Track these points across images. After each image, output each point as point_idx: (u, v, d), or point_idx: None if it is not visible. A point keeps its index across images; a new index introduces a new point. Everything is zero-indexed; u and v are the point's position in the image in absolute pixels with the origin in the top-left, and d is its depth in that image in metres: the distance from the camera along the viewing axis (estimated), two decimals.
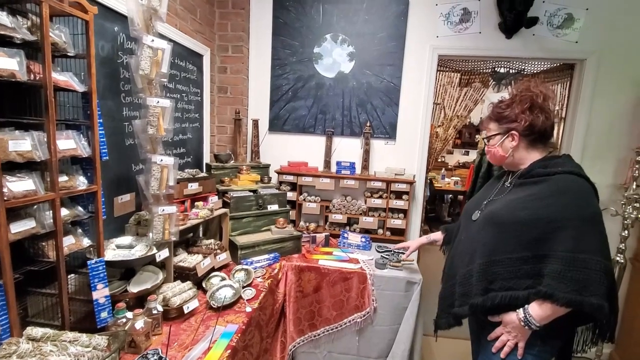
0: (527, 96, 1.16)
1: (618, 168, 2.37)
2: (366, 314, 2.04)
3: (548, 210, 1.05)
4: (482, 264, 1.13)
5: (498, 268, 1.10)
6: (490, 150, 1.27)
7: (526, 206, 1.09)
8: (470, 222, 1.28)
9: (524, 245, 1.07)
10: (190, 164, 2.25)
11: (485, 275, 1.12)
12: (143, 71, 1.38)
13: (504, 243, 1.10)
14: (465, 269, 1.21)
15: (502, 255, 1.10)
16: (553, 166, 1.13)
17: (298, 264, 2.08)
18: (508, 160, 1.24)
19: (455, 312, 1.23)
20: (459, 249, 1.31)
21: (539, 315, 1.05)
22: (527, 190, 1.13)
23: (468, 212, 1.34)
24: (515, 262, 1.08)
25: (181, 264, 1.67)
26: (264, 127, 2.65)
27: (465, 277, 1.21)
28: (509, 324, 1.13)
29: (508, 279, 1.09)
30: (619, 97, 2.34)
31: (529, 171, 1.17)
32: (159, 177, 1.44)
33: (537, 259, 1.05)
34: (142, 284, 1.44)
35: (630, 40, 2.29)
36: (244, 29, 2.51)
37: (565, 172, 1.09)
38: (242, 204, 2.13)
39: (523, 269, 1.07)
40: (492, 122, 1.25)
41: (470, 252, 1.21)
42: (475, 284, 1.14)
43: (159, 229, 1.46)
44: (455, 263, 1.31)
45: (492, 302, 1.11)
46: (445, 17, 2.43)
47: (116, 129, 1.58)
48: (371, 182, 2.50)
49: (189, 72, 2.17)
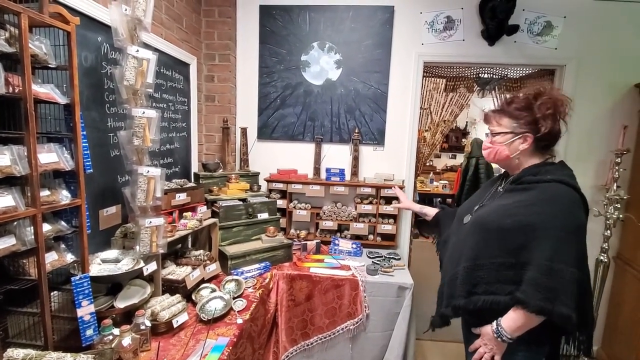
0: (551, 101, 1.11)
1: (599, 170, 2.45)
2: (359, 321, 2.03)
3: (532, 218, 1.05)
4: (466, 267, 1.14)
5: (482, 272, 1.11)
6: (494, 147, 1.20)
7: (512, 213, 1.09)
8: (461, 225, 1.29)
9: (508, 252, 1.08)
10: (178, 173, 2.22)
11: (469, 279, 1.13)
12: (128, 82, 1.36)
13: (488, 248, 1.11)
14: (452, 271, 1.22)
15: (486, 260, 1.11)
16: (544, 173, 1.13)
17: (289, 272, 2.07)
18: (509, 162, 1.20)
19: (442, 312, 1.24)
20: (450, 251, 1.32)
21: (510, 326, 1.06)
22: (515, 197, 1.13)
23: (460, 215, 1.34)
24: (499, 267, 1.08)
25: (170, 276, 1.63)
26: (252, 135, 2.64)
27: (451, 279, 1.21)
28: (485, 336, 1.14)
29: (491, 284, 1.10)
30: (598, 101, 2.42)
31: (520, 177, 1.17)
32: (145, 188, 1.42)
33: (520, 265, 1.06)
34: (129, 299, 1.40)
35: (607, 47, 2.37)
36: (231, 37, 2.51)
37: (554, 181, 1.09)
38: (232, 213, 2.11)
39: (506, 275, 1.08)
40: (505, 118, 1.17)
41: (458, 255, 1.22)
42: (459, 286, 1.15)
43: (146, 242, 1.43)
44: (445, 265, 1.32)
45: (475, 305, 1.12)
46: (429, 25, 2.47)
47: (101, 140, 1.55)
48: (361, 188, 2.51)
49: (176, 81, 2.15)
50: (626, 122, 2.33)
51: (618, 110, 2.42)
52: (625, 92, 2.40)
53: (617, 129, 2.39)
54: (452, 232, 1.37)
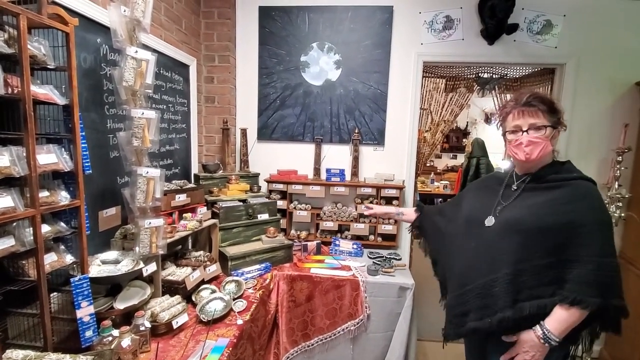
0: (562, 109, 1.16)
1: (600, 168, 2.44)
2: (360, 322, 2.02)
3: (574, 214, 1.04)
4: (508, 274, 1.07)
5: (525, 277, 1.06)
6: (542, 141, 1.11)
7: (552, 211, 1.07)
8: (481, 228, 1.20)
9: (549, 252, 1.05)
10: (178, 175, 2.22)
11: (513, 286, 1.07)
12: (127, 82, 1.36)
13: (530, 250, 1.07)
14: (483, 279, 1.13)
15: (528, 264, 1.06)
16: (566, 172, 1.13)
17: (290, 273, 2.06)
18: (546, 160, 1.17)
19: (476, 326, 1.13)
20: (471, 256, 1.21)
21: (558, 328, 1.03)
22: (544, 196, 1.11)
23: (475, 216, 1.26)
24: (542, 270, 1.05)
25: (170, 277, 1.63)
26: (252, 136, 2.64)
27: (484, 287, 1.12)
28: (526, 343, 1.08)
29: (534, 288, 1.06)
30: (598, 100, 2.42)
31: (543, 176, 1.15)
32: (144, 189, 1.42)
33: (561, 264, 1.04)
34: (129, 300, 1.40)
35: (607, 45, 2.37)
36: (230, 38, 2.51)
37: (580, 178, 1.11)
38: (232, 214, 2.11)
39: (549, 275, 1.05)
40: (546, 112, 1.12)
41: (488, 261, 1.13)
42: (502, 295, 1.07)
43: (145, 243, 1.43)
44: (467, 272, 1.20)
45: (521, 313, 1.06)
46: (428, 24, 2.47)
47: (100, 142, 1.55)
48: (361, 189, 2.50)
49: (175, 82, 2.15)
50: (627, 120, 2.32)
51: (619, 109, 2.41)
52: (626, 90, 2.39)
53: (618, 127, 2.38)
54: (468, 236, 1.26)
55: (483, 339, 1.23)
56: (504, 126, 1.22)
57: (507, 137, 1.21)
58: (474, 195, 1.39)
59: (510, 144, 1.18)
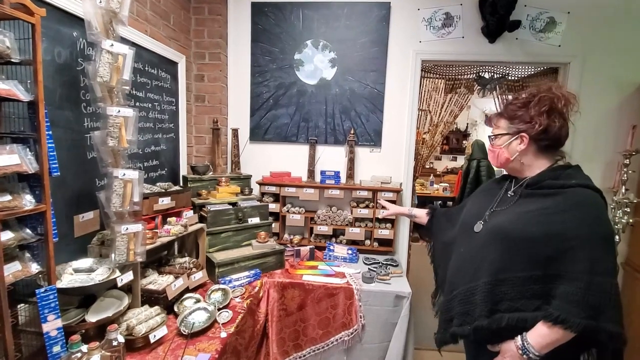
0: (548, 98, 1.05)
1: (606, 171, 2.34)
2: (354, 332, 1.93)
3: (563, 226, 0.96)
4: (487, 282, 1.03)
5: (505, 288, 1.00)
6: (494, 150, 1.16)
7: (539, 220, 0.99)
8: (471, 234, 1.17)
9: (535, 264, 0.98)
10: (164, 176, 2.12)
11: (491, 296, 1.02)
12: (102, 78, 1.27)
13: (512, 260, 1.01)
14: (465, 285, 1.10)
15: (510, 274, 1.00)
16: (565, 177, 1.04)
17: (281, 280, 1.97)
18: (512, 165, 1.14)
19: (454, 331, 1.12)
20: (458, 262, 1.20)
21: (539, 342, 0.96)
22: (538, 203, 1.04)
23: (467, 221, 1.23)
24: (525, 282, 0.98)
25: (150, 286, 1.53)
26: (244, 136, 2.55)
27: (466, 294, 1.10)
28: (507, 353, 1.03)
29: (516, 300, 0.99)
30: (604, 100, 2.32)
31: (539, 181, 1.07)
32: (121, 192, 1.32)
33: (548, 278, 0.96)
34: (103, 312, 1.30)
35: (613, 43, 2.28)
36: (222, 35, 2.42)
37: (580, 185, 1.01)
38: (220, 218, 2.01)
39: (532, 289, 0.98)
40: (502, 119, 1.14)
41: (472, 268, 1.10)
42: (480, 304, 1.04)
43: (122, 250, 1.33)
44: (453, 278, 1.19)
45: (498, 324, 1.01)
46: (427, 22, 2.38)
47: (76, 142, 1.46)
48: (357, 192, 2.41)
49: (162, 80, 2.06)
50: (634, 121, 2.22)
51: (625, 110, 2.31)
52: (633, 90, 2.30)
53: (624, 129, 2.29)
54: (458, 240, 1.25)
55: (477, 346, 1.18)
56: None
57: None
58: (475, 200, 1.35)
59: None
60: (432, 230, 1.53)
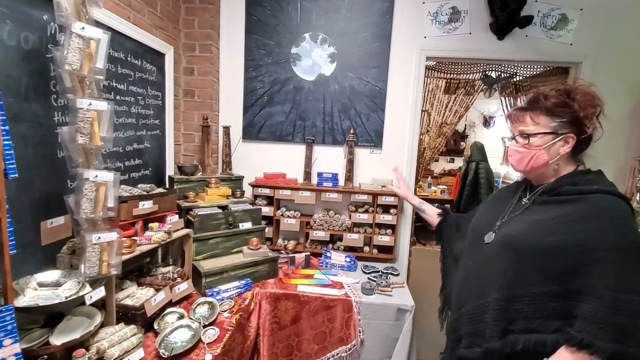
0: (591, 98, 0.97)
1: (617, 177, 2.23)
2: (352, 348, 1.79)
3: (582, 236, 0.84)
4: (499, 299, 0.92)
5: (519, 305, 0.89)
6: (529, 151, 0.98)
7: (555, 230, 0.88)
8: (480, 245, 1.05)
9: (551, 278, 0.86)
10: (148, 177, 1.96)
11: (503, 314, 0.91)
12: (71, 66, 1.11)
13: (525, 274, 0.89)
14: (474, 302, 0.99)
15: (523, 289, 0.89)
16: (585, 183, 0.92)
17: (274, 291, 1.82)
18: (546, 170, 0.99)
19: (462, 354, 1.00)
20: (466, 275, 1.09)
21: None
22: (554, 211, 0.92)
23: (477, 231, 1.11)
24: (541, 298, 0.87)
25: (127, 301, 1.37)
26: (236, 135, 2.39)
27: (475, 312, 0.99)
28: None
29: (532, 319, 0.87)
30: (617, 102, 2.21)
31: (556, 187, 0.96)
32: (92, 197, 1.16)
33: (568, 295, 0.84)
34: (70, 332, 1.14)
35: (627, 42, 2.17)
36: (214, 26, 2.26)
37: (601, 192, 0.88)
38: (209, 223, 1.86)
39: (551, 307, 0.86)
40: (543, 115, 0.97)
41: (481, 283, 0.99)
42: (491, 323, 0.93)
43: (93, 262, 1.17)
44: (462, 293, 1.08)
45: (513, 347, 0.89)
46: (433, 16, 2.25)
47: (44, 138, 1.29)
48: (356, 195, 2.27)
49: (147, 72, 1.89)
50: None
51: (639, 113, 2.20)
52: None
53: (637, 133, 2.18)
54: (467, 252, 1.13)
55: None
56: None
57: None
58: (485, 208, 1.22)
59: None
60: (442, 237, 1.41)
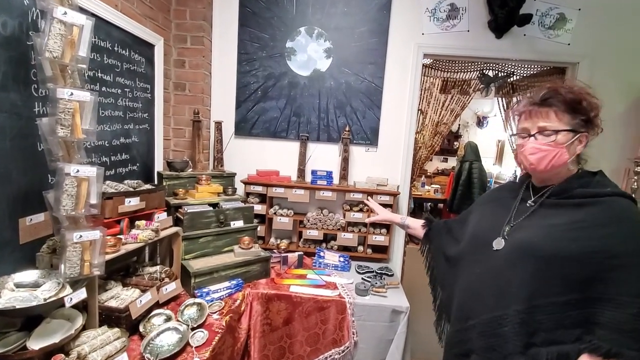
0: (598, 102, 0.95)
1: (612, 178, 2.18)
2: (345, 350, 1.75)
3: (606, 242, 0.81)
4: (521, 311, 0.87)
5: (541, 316, 0.86)
6: (554, 149, 0.90)
7: (575, 236, 0.85)
8: (488, 252, 1.00)
9: (571, 286, 0.83)
10: (136, 173, 1.88)
11: (526, 327, 0.87)
12: (51, 53, 1.04)
13: (547, 283, 0.86)
14: (488, 314, 0.94)
15: (545, 299, 0.85)
16: (595, 185, 0.90)
17: (266, 291, 1.77)
18: (561, 170, 0.93)
19: None
20: (475, 285, 1.02)
21: None
22: (570, 215, 0.88)
23: (481, 236, 1.05)
24: (562, 308, 0.84)
25: (111, 302, 1.31)
26: (228, 130, 2.32)
27: (490, 325, 0.93)
28: None
29: (552, 330, 0.84)
30: (613, 104, 2.21)
31: (567, 189, 0.92)
32: (74, 193, 1.10)
33: (588, 302, 0.82)
34: (49, 336, 1.07)
35: (624, 43, 2.16)
36: (206, 17, 2.19)
37: (615, 194, 0.86)
38: (199, 221, 1.80)
39: (571, 316, 0.83)
40: (565, 112, 0.91)
41: (495, 293, 0.94)
42: (512, 337, 0.88)
43: (74, 262, 1.11)
44: (471, 304, 1.02)
45: None
46: (431, 12, 2.21)
47: (24, 130, 1.21)
48: (350, 194, 2.22)
49: (135, 63, 1.82)
50: None
51: (634, 114, 2.20)
52: None
53: (633, 134, 2.18)
54: (471, 259, 1.07)
55: None
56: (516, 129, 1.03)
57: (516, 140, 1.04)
58: (483, 211, 1.16)
59: (518, 149, 1.02)
60: (430, 246, 1.34)
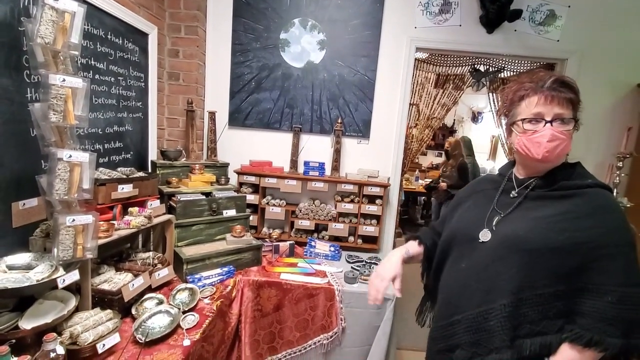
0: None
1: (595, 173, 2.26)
2: (334, 335, 1.80)
3: (592, 232, 0.83)
4: (507, 305, 0.87)
5: (526, 309, 0.86)
6: (567, 139, 0.88)
7: (563, 227, 0.85)
8: (474, 245, 0.98)
9: (558, 277, 0.84)
10: (129, 161, 1.90)
11: (512, 320, 0.87)
12: (43, 39, 1.06)
13: (535, 276, 0.86)
14: (475, 309, 0.93)
15: (532, 292, 0.86)
16: (577, 177, 0.91)
17: (257, 278, 1.81)
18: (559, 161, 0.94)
19: None
20: (461, 280, 1.00)
21: None
22: (555, 207, 0.89)
23: (464, 228, 1.03)
24: (548, 299, 0.85)
25: (104, 285, 1.34)
26: (222, 120, 2.34)
27: (476, 320, 0.92)
28: None
29: (537, 322, 0.85)
30: (598, 100, 2.26)
31: (552, 182, 0.93)
32: (67, 178, 1.12)
33: (572, 293, 0.84)
34: (42, 317, 1.10)
35: (612, 42, 2.20)
36: (200, 7, 2.19)
37: (596, 186, 0.88)
38: (192, 209, 1.82)
39: (555, 307, 0.84)
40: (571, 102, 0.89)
41: (482, 287, 0.93)
42: (498, 331, 0.88)
43: (67, 245, 1.14)
44: (456, 299, 1.00)
45: (520, 353, 0.86)
46: (424, 6, 2.23)
47: (16, 115, 1.23)
48: (342, 185, 2.26)
49: (129, 52, 1.83)
50: (629, 123, 2.17)
51: (619, 111, 2.26)
52: (628, 91, 2.24)
53: (616, 131, 2.24)
54: (455, 253, 1.05)
55: None
56: (516, 113, 0.96)
57: (520, 126, 0.94)
58: (465, 204, 1.13)
59: (524, 135, 0.92)
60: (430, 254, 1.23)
